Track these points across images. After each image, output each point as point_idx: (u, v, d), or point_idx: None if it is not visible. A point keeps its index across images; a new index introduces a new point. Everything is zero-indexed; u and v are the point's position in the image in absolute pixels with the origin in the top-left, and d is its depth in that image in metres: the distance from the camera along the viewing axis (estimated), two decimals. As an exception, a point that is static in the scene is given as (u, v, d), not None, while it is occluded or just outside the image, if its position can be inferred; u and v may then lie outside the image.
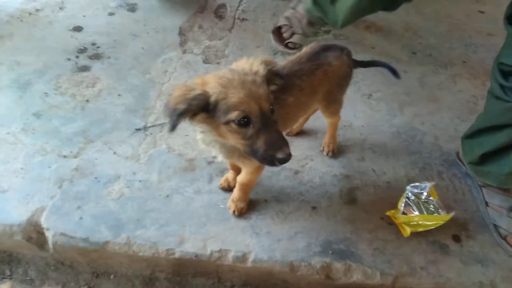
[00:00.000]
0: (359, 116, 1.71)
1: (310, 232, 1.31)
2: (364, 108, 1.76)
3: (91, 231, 1.23)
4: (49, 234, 1.23)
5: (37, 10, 2.03)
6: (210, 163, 1.48)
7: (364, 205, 1.40)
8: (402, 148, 1.62)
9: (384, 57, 2.06)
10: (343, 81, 1.34)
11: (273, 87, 1.05)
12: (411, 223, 1.33)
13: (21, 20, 1.96)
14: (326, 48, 1.26)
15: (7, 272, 1.27)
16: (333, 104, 1.37)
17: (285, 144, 0.94)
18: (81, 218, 1.26)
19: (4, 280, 1.26)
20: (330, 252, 1.27)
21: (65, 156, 1.42)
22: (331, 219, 1.35)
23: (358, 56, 1.41)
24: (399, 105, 1.81)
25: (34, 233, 1.25)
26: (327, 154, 1.53)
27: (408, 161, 1.57)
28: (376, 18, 2.26)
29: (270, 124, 0.95)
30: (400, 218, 1.34)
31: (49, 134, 1.48)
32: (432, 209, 1.38)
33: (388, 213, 1.37)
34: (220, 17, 2.20)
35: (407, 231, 1.32)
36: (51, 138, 1.47)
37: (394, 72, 1.47)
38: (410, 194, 1.39)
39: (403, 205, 1.37)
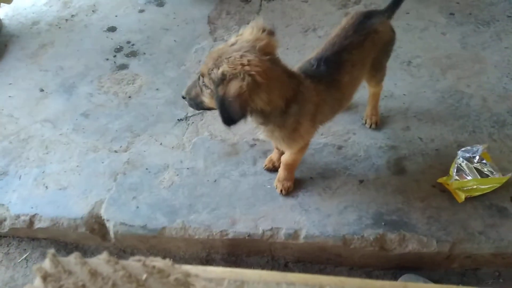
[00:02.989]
0: (400, 85, 1.66)
1: (360, 205, 1.30)
2: (405, 75, 1.70)
3: (148, 219, 1.29)
4: (109, 225, 1.31)
5: (72, 15, 2.12)
6: (252, 146, 1.50)
7: (413, 175, 1.37)
8: (448, 113, 1.56)
9: (420, 21, 1.98)
10: (389, 47, 1.31)
11: None
12: (465, 188, 1.29)
13: (59, 27, 2.05)
14: (369, 15, 1.23)
15: (76, 262, 1.37)
16: (379, 72, 1.34)
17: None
18: (137, 207, 1.33)
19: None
20: (383, 223, 1.26)
21: (116, 151, 1.49)
22: (381, 191, 1.34)
23: (394, 23, 1.36)
24: (441, 69, 1.73)
25: (96, 225, 1.33)
26: (370, 127, 1.50)
27: (456, 126, 1.51)
28: (408, -19, 2.16)
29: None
30: (453, 184, 1.30)
31: (98, 131, 1.56)
32: (487, 173, 1.32)
33: (440, 180, 1.34)
34: (246, 1, 2.19)
35: (462, 196, 1.28)
36: (100, 135, 1.55)
37: None
38: (461, 159, 1.34)
39: (455, 170, 1.33)
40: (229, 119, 0.95)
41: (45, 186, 1.40)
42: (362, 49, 1.20)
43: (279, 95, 1.01)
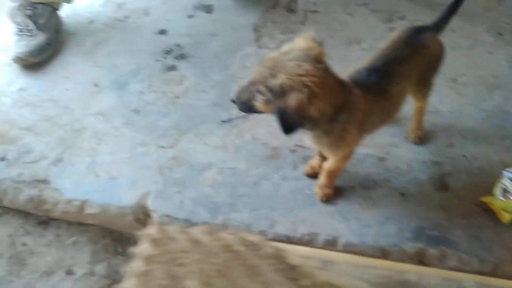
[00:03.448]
0: (445, 102, 1.66)
1: (401, 218, 1.31)
2: (450, 93, 1.70)
3: (192, 213, 1.35)
4: (155, 216, 1.37)
5: (126, 17, 2.23)
6: (293, 151, 1.54)
7: (456, 192, 1.37)
8: (494, 133, 1.54)
9: (467, 40, 1.97)
10: (438, 63, 1.32)
11: None
12: (510, 209, 1.27)
13: (113, 27, 2.16)
14: (420, 30, 1.25)
15: (120, 249, 1.44)
16: (425, 86, 1.36)
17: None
18: (181, 201, 1.38)
19: (118, 256, 1.42)
20: (423, 238, 1.26)
21: (163, 147, 1.56)
22: (422, 206, 1.34)
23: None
24: (487, 89, 1.72)
25: (142, 215, 1.39)
26: (414, 141, 1.51)
27: (502, 146, 1.49)
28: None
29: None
30: (498, 204, 1.29)
31: (147, 127, 1.64)
32: (533, 196, 1.30)
33: (483, 199, 1.33)
34: (291, 11, 2.24)
35: (506, 217, 1.27)
36: (149, 131, 1.63)
37: None
38: (506, 179, 1.33)
39: (500, 190, 1.32)
40: (290, 129, 1.01)
41: (97, 175, 1.48)
42: (411, 62, 1.22)
43: (330, 103, 1.04)
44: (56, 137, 1.63)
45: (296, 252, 0.42)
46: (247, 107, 1.14)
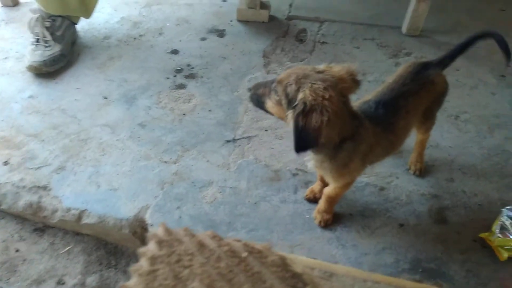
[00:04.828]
0: (446, 137, 1.68)
1: (398, 249, 1.30)
2: (451, 129, 1.73)
3: (190, 230, 1.34)
4: (152, 230, 1.36)
5: (140, 35, 2.31)
6: (294, 175, 1.55)
7: (455, 226, 1.36)
8: (494, 171, 1.55)
9: (470, 79, 2.02)
10: (442, 98, 1.36)
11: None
12: (508, 247, 1.27)
13: (128, 44, 2.23)
14: (426, 66, 1.29)
15: (113, 262, 1.42)
16: (429, 120, 1.39)
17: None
18: (180, 217, 1.38)
19: (110, 269, 1.41)
20: (420, 270, 1.25)
21: (166, 162, 1.58)
22: (420, 238, 1.33)
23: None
24: (489, 128, 1.75)
25: (139, 228, 1.39)
26: (414, 173, 1.52)
27: (502, 184, 1.50)
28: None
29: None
30: (496, 241, 1.28)
31: (152, 142, 1.66)
32: (532, 236, 1.30)
33: (482, 235, 1.32)
34: (300, 40, 2.32)
35: (504, 255, 1.26)
36: (153, 145, 1.65)
37: (507, 53, 1.33)
38: (506, 217, 1.33)
39: (498, 228, 1.31)
40: (303, 148, 1.03)
41: (97, 185, 1.49)
42: (417, 97, 1.26)
43: (338, 133, 1.05)
44: (61, 146, 1.65)
45: (300, 262, 0.42)
46: (258, 101, 1.16)
